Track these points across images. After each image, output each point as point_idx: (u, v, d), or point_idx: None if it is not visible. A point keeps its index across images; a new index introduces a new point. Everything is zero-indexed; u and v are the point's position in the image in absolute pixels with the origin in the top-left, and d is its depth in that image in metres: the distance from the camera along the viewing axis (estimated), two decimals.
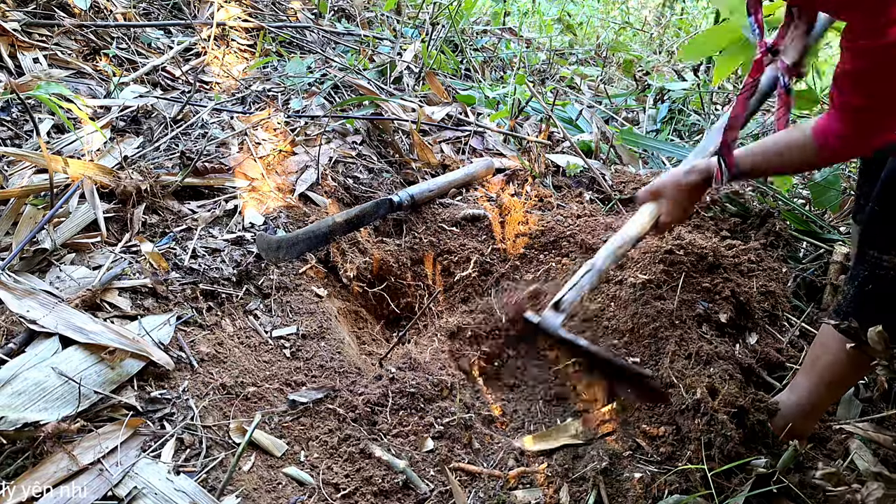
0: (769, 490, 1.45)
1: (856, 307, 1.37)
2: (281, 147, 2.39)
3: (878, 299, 1.33)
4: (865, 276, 1.33)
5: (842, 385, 1.56)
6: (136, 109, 2.43)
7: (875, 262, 1.30)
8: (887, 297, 1.32)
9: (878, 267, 1.30)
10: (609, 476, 1.49)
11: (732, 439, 1.51)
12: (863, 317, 1.33)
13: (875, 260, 1.30)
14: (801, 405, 1.56)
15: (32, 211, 1.80)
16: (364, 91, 2.96)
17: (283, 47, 3.47)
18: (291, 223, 2.09)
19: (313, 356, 1.75)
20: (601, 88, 4.22)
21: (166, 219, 1.94)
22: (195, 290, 1.74)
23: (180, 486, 1.26)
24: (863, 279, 1.34)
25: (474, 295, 2.14)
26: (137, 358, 1.47)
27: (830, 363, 1.47)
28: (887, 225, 1.29)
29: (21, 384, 1.33)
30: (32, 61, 2.51)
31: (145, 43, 3.06)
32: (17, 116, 2.27)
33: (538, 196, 2.54)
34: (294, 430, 1.51)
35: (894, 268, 1.27)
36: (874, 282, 1.32)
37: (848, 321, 1.32)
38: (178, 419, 1.41)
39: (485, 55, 4.37)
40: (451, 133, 2.89)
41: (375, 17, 4.38)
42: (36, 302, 1.51)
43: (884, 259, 1.28)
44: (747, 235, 2.30)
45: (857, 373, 1.53)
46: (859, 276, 1.35)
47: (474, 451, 1.58)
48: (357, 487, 1.41)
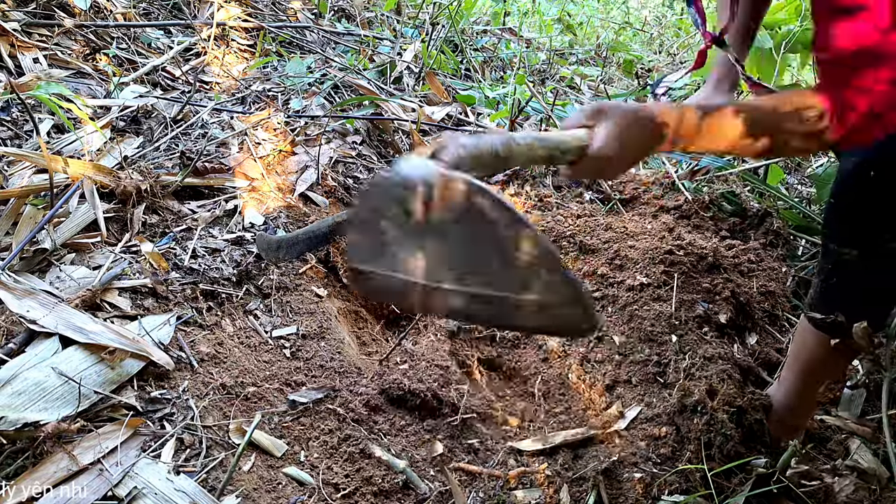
0: (769, 490, 1.45)
1: (820, 300, 1.39)
2: (281, 147, 2.39)
3: (841, 292, 1.35)
4: (829, 270, 1.35)
5: (823, 376, 1.57)
6: (136, 109, 2.43)
7: (835, 255, 1.31)
8: (849, 290, 1.34)
9: (838, 261, 1.31)
10: (609, 476, 1.49)
11: (732, 439, 1.51)
12: (832, 310, 1.36)
13: (835, 254, 1.31)
14: (788, 399, 1.59)
15: (32, 211, 1.80)
16: (364, 91, 2.96)
17: (283, 47, 3.46)
18: (291, 223, 2.09)
19: (313, 356, 1.75)
20: (601, 88, 4.22)
21: (166, 219, 1.94)
22: (195, 290, 1.74)
23: (180, 486, 1.26)
24: (826, 273, 1.36)
25: None
26: (137, 358, 1.46)
27: (808, 358, 1.49)
28: (844, 220, 1.30)
29: (21, 384, 1.33)
30: (32, 61, 2.51)
31: (145, 43, 3.06)
32: (17, 116, 2.27)
33: (538, 196, 2.54)
34: (294, 430, 1.51)
35: (854, 261, 1.28)
36: (837, 275, 1.34)
37: (834, 316, 1.34)
38: (178, 419, 1.41)
39: (485, 55, 4.37)
40: (451, 133, 2.89)
41: (375, 17, 4.38)
42: (36, 302, 1.50)
43: (843, 253, 1.29)
44: (746, 235, 2.30)
45: (837, 364, 1.55)
46: (823, 270, 1.38)
47: (474, 451, 1.58)
48: (357, 487, 1.41)
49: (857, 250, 1.27)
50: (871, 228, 1.25)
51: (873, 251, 1.26)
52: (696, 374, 1.68)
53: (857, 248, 1.27)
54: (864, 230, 1.26)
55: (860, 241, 1.27)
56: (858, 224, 1.26)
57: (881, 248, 1.25)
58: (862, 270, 1.29)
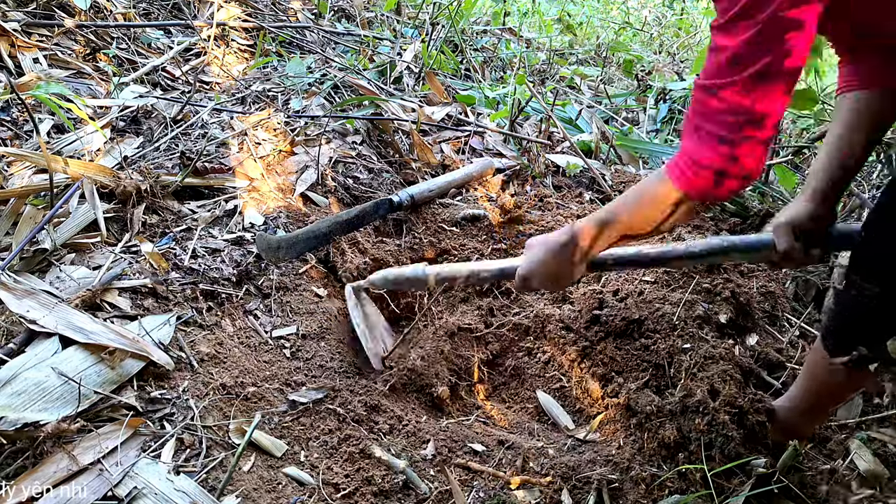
0: (769, 490, 1.45)
1: (836, 329, 1.35)
2: (281, 147, 2.39)
3: (857, 325, 1.31)
4: (848, 301, 1.30)
5: (832, 399, 1.55)
6: (136, 109, 2.43)
7: (858, 288, 1.26)
8: (865, 324, 1.29)
9: (861, 294, 1.26)
10: (609, 476, 1.49)
11: (733, 439, 1.51)
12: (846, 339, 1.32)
13: (858, 286, 1.26)
14: (794, 414, 1.57)
15: (32, 211, 1.80)
16: (364, 91, 2.96)
17: (283, 47, 3.47)
18: (291, 223, 2.08)
19: (313, 356, 1.75)
20: (601, 88, 4.22)
21: (166, 219, 1.94)
22: (195, 290, 1.74)
23: (180, 486, 1.26)
24: (845, 304, 1.32)
25: (474, 295, 2.14)
26: (137, 358, 1.46)
27: (820, 380, 1.46)
28: (873, 253, 1.24)
29: (21, 384, 1.33)
30: (32, 61, 2.51)
31: (145, 43, 3.06)
32: (16, 116, 2.27)
33: (538, 196, 2.54)
34: (294, 430, 1.51)
35: (875, 298, 1.23)
36: (856, 308, 1.29)
37: (856, 352, 1.30)
38: (178, 419, 1.41)
39: (485, 55, 4.37)
40: (451, 133, 2.89)
41: (375, 17, 4.38)
42: (36, 302, 1.50)
43: (865, 287, 1.24)
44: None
45: (848, 389, 1.52)
46: (842, 299, 1.33)
47: (474, 451, 1.58)
48: (357, 487, 1.41)
49: (880, 288, 1.22)
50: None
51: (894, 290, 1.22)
52: (697, 375, 1.67)
53: (880, 285, 1.22)
54: (888, 267, 1.21)
55: (884, 279, 1.22)
56: (884, 260, 1.22)
57: None
58: (879, 307, 1.24)
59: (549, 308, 2.03)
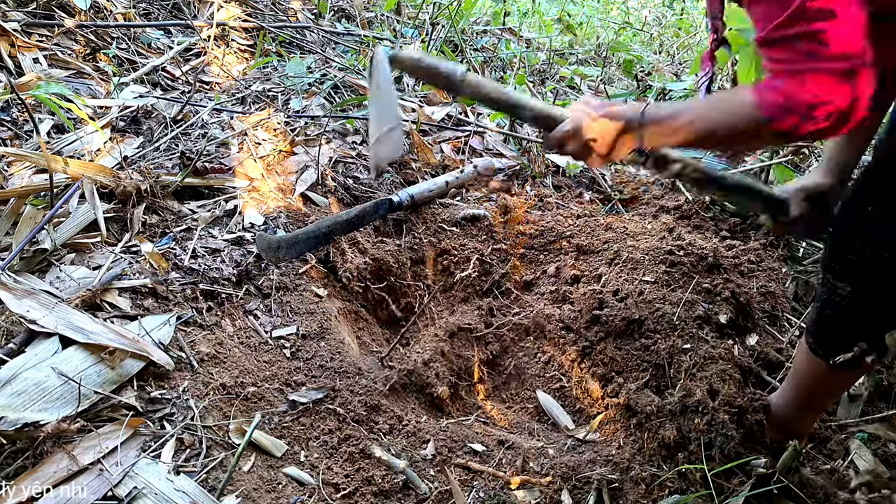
0: (769, 490, 1.45)
1: (816, 329, 1.36)
2: (281, 147, 2.39)
3: (835, 324, 1.31)
4: (824, 300, 1.31)
5: (822, 398, 1.55)
6: (136, 109, 2.42)
7: (831, 287, 1.27)
8: (842, 324, 1.30)
9: (833, 293, 1.27)
10: (609, 476, 1.49)
11: (733, 439, 1.51)
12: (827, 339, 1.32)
13: (830, 285, 1.27)
14: (787, 411, 1.57)
15: (32, 211, 1.80)
16: (364, 91, 2.96)
17: (283, 47, 3.46)
18: (291, 223, 2.08)
19: (313, 356, 1.75)
20: (601, 88, 4.22)
21: (166, 219, 1.94)
22: (195, 290, 1.74)
23: (180, 486, 1.26)
24: (822, 303, 1.33)
25: (474, 295, 2.14)
26: (137, 358, 1.46)
27: (807, 378, 1.47)
28: (842, 253, 1.25)
29: (21, 384, 1.33)
30: (32, 61, 2.51)
31: (145, 43, 3.06)
32: (17, 116, 2.27)
33: (538, 196, 2.54)
34: (294, 430, 1.51)
35: (847, 297, 1.24)
36: (830, 307, 1.30)
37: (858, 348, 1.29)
38: (178, 419, 1.41)
39: (485, 55, 4.36)
40: (451, 133, 2.89)
41: (375, 17, 4.38)
42: (36, 302, 1.50)
43: (837, 286, 1.25)
44: (747, 236, 2.31)
45: (836, 387, 1.53)
46: (820, 298, 1.34)
47: (474, 451, 1.58)
48: (357, 487, 1.41)
49: (851, 287, 1.23)
50: (864, 261, 1.21)
51: (864, 287, 1.22)
52: (696, 375, 1.67)
53: (851, 284, 1.23)
54: (858, 266, 1.22)
55: (855, 278, 1.23)
56: (854, 260, 1.22)
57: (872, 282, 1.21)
58: (851, 306, 1.25)
59: (550, 308, 2.03)
